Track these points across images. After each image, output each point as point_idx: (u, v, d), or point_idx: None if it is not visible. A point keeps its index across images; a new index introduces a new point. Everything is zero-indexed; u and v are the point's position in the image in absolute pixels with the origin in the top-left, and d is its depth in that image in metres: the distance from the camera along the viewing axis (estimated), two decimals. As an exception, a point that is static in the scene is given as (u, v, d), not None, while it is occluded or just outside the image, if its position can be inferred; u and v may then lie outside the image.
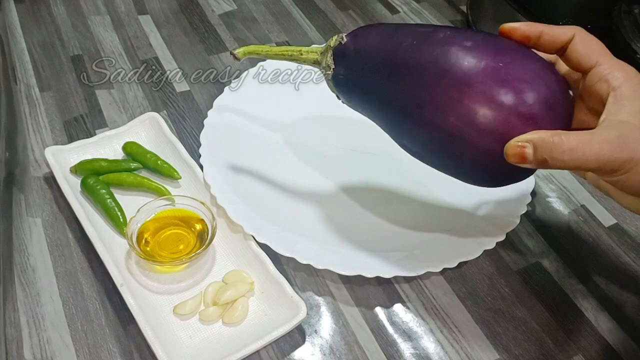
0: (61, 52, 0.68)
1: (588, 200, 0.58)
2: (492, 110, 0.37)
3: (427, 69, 0.40)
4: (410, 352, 0.46)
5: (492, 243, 0.51)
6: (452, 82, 0.38)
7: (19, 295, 0.47)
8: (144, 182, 0.54)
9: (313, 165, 0.59)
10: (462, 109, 0.38)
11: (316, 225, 0.53)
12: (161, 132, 0.58)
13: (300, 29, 0.75)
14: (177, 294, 0.48)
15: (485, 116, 0.37)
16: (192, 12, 0.76)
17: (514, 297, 0.50)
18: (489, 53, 0.39)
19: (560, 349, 0.47)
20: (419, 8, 0.80)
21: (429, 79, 0.40)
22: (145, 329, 0.43)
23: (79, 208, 0.50)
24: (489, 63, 0.38)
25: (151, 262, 0.48)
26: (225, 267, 0.50)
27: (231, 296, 0.46)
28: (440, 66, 0.39)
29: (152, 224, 0.50)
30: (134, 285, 0.47)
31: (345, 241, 0.52)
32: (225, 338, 0.45)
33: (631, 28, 0.65)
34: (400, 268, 0.49)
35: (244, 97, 0.62)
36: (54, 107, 0.62)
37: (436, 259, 0.50)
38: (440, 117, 0.39)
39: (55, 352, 0.44)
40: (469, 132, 0.38)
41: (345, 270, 0.48)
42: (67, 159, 0.55)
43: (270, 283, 0.48)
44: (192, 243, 0.49)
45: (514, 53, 0.39)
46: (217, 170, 0.55)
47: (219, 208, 0.52)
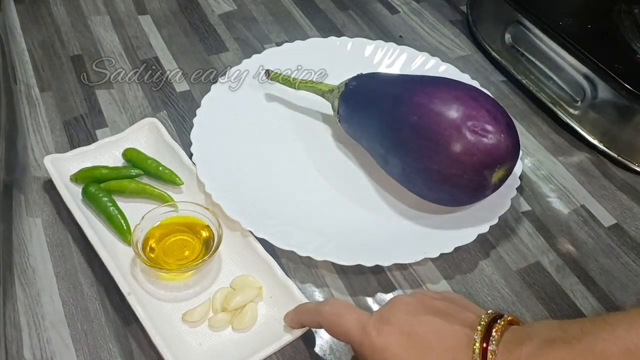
0: (61, 52, 0.68)
1: (588, 200, 0.58)
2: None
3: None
4: (410, 352, 0.46)
5: (486, 227, 0.52)
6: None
7: (19, 295, 0.47)
8: (146, 188, 0.53)
9: (307, 159, 0.59)
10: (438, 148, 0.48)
11: (313, 217, 0.53)
12: (161, 138, 0.57)
13: (300, 29, 0.75)
14: (184, 301, 0.47)
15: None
16: (192, 12, 0.76)
17: (514, 297, 0.50)
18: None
19: (560, 349, 0.47)
20: (419, 8, 0.80)
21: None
22: (155, 337, 0.43)
23: (81, 216, 0.50)
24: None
25: (157, 270, 0.48)
26: (232, 273, 0.49)
27: (240, 302, 0.46)
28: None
29: (157, 230, 0.50)
30: (141, 294, 0.47)
31: (343, 232, 0.52)
32: (235, 344, 0.45)
33: (631, 28, 0.65)
34: (398, 256, 0.49)
35: (233, 94, 0.63)
36: (54, 107, 0.62)
37: (433, 246, 0.50)
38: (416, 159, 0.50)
39: (55, 352, 0.44)
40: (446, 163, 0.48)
41: (344, 260, 0.49)
42: (66, 167, 0.54)
43: (278, 287, 0.48)
44: (197, 249, 0.49)
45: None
46: (210, 168, 0.55)
47: (214, 206, 0.52)
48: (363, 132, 0.55)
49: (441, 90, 0.50)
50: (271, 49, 0.68)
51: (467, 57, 0.73)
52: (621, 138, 0.61)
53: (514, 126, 0.49)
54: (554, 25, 0.65)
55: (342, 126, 0.58)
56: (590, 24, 0.67)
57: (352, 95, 0.56)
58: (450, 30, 0.76)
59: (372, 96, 0.54)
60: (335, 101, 0.58)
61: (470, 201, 0.52)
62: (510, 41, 0.70)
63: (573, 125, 0.64)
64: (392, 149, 0.51)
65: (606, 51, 0.63)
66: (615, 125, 0.61)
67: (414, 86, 0.52)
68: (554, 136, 0.64)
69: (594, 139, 0.63)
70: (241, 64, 0.65)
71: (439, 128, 0.47)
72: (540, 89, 0.67)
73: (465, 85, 0.51)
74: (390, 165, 0.53)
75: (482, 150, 0.46)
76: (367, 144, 0.56)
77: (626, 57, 0.62)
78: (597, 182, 0.60)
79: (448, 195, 0.50)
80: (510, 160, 0.48)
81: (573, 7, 0.71)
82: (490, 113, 0.47)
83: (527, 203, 0.57)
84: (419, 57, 0.68)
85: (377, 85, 0.55)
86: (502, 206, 0.53)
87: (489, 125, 0.47)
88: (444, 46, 0.74)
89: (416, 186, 0.52)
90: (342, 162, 0.59)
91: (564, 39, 0.63)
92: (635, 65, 0.61)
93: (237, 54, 0.70)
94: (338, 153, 0.60)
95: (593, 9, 0.70)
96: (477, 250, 0.53)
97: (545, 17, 0.66)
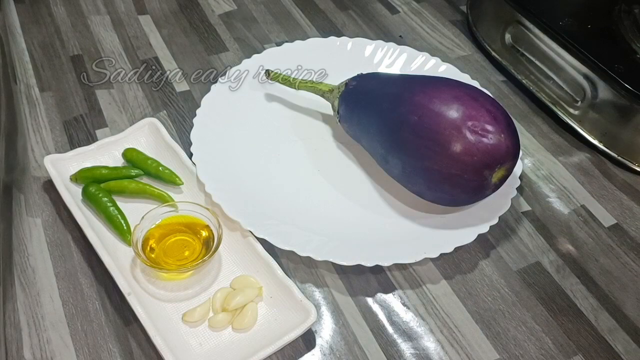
0: (61, 52, 0.68)
1: (588, 200, 0.58)
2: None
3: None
4: (410, 352, 0.46)
5: (486, 227, 0.52)
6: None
7: (18, 295, 0.47)
8: (146, 189, 0.53)
9: (307, 159, 0.59)
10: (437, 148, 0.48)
11: (313, 218, 0.54)
12: (160, 138, 0.57)
13: (300, 29, 0.75)
14: (184, 301, 0.47)
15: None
16: (192, 12, 0.76)
17: (514, 297, 0.50)
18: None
19: (560, 349, 0.47)
20: (419, 8, 0.80)
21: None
22: (155, 337, 0.43)
23: (81, 216, 0.50)
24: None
25: (157, 270, 0.48)
26: (233, 273, 0.49)
27: (240, 302, 0.46)
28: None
29: (157, 230, 0.50)
30: (141, 294, 0.47)
31: (343, 232, 0.52)
32: (236, 344, 0.45)
33: (631, 28, 0.65)
34: (398, 256, 0.49)
35: (233, 94, 0.63)
36: (54, 107, 0.62)
37: (433, 245, 0.50)
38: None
39: (55, 352, 0.44)
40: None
41: (344, 260, 0.49)
42: (66, 167, 0.54)
43: (278, 287, 0.48)
44: (197, 249, 0.49)
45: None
46: (210, 169, 0.55)
47: (214, 206, 0.52)
48: (363, 132, 0.55)
49: (441, 90, 0.50)
50: (271, 49, 0.68)
51: (467, 57, 0.73)
52: (621, 138, 0.61)
53: (514, 126, 0.49)
54: (554, 25, 0.65)
55: (342, 126, 0.59)
56: (590, 24, 0.67)
57: (352, 95, 0.56)
58: (450, 30, 0.76)
59: (372, 96, 0.54)
60: (335, 101, 0.58)
61: (470, 201, 0.52)
62: (510, 41, 0.70)
63: (573, 125, 0.64)
64: (392, 149, 0.51)
65: (606, 51, 0.63)
66: (615, 125, 0.61)
67: (414, 86, 0.52)
68: (554, 136, 0.64)
69: (594, 139, 0.63)
70: (241, 64, 0.65)
71: (439, 128, 0.47)
72: (540, 89, 0.67)
73: (465, 85, 0.51)
74: (390, 165, 0.53)
75: (482, 150, 0.46)
76: (367, 144, 0.56)
77: (626, 57, 0.62)
78: (597, 182, 0.60)
79: (448, 195, 0.50)
80: (510, 160, 0.48)
81: (573, 7, 0.71)
82: (491, 113, 0.48)
83: (527, 203, 0.57)
84: (419, 57, 0.68)
85: (377, 85, 0.55)
86: (502, 206, 0.53)
87: (489, 125, 0.47)
88: (444, 46, 0.74)
89: (416, 186, 0.52)
90: (342, 162, 0.59)
91: (564, 39, 0.64)
92: (635, 65, 0.61)
93: (237, 54, 0.70)
94: (338, 153, 0.60)
95: (593, 9, 0.70)
96: (477, 250, 0.53)
97: (545, 17, 0.66)
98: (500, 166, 0.48)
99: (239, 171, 0.56)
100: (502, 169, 0.48)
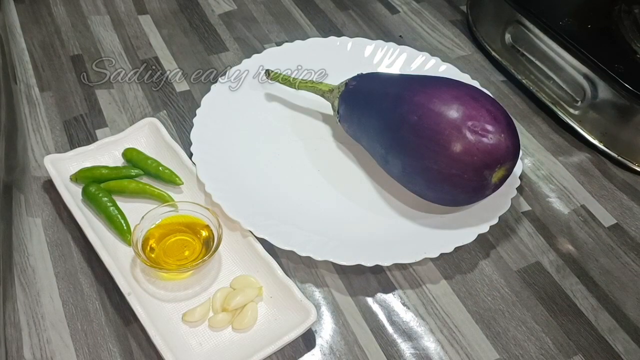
0: (61, 52, 0.68)
1: (588, 200, 0.58)
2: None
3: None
4: (410, 352, 0.46)
5: (486, 227, 0.52)
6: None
7: (18, 295, 0.47)
8: (146, 188, 0.53)
9: (307, 159, 0.59)
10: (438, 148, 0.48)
11: (313, 218, 0.54)
12: (161, 138, 0.57)
13: (300, 29, 0.75)
14: (184, 301, 0.47)
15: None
16: (192, 12, 0.76)
17: (514, 297, 0.50)
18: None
19: (560, 348, 0.47)
20: (419, 8, 0.80)
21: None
22: (155, 337, 0.43)
23: (81, 216, 0.50)
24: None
25: (157, 270, 0.48)
26: (233, 273, 0.49)
27: (240, 302, 0.46)
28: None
29: (157, 230, 0.50)
30: (141, 294, 0.47)
31: (343, 232, 0.52)
32: (236, 344, 0.45)
33: (631, 28, 0.65)
34: (398, 256, 0.49)
35: (233, 94, 0.63)
36: (54, 107, 0.62)
37: (433, 245, 0.50)
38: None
39: (55, 352, 0.44)
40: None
41: (344, 260, 0.49)
42: (66, 167, 0.54)
43: (278, 287, 0.48)
44: (197, 249, 0.49)
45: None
46: (210, 168, 0.55)
47: (214, 206, 0.52)
48: (363, 132, 0.55)
49: (441, 90, 0.50)
50: (271, 49, 0.68)
51: (467, 57, 0.73)
52: (621, 138, 0.61)
53: (514, 126, 0.49)
54: (554, 25, 0.65)
55: (342, 126, 0.59)
56: (590, 24, 0.67)
57: (352, 95, 0.56)
58: (450, 30, 0.76)
59: (372, 96, 0.54)
60: (335, 101, 0.58)
61: (471, 201, 0.52)
62: (510, 41, 0.70)
63: (573, 125, 0.64)
64: (392, 149, 0.51)
65: (606, 51, 0.63)
66: (615, 125, 0.61)
67: (414, 86, 0.52)
68: (554, 136, 0.64)
69: (594, 139, 0.63)
70: (241, 64, 0.65)
71: (439, 128, 0.47)
72: (540, 89, 0.67)
73: (466, 85, 0.51)
74: (390, 165, 0.53)
75: (482, 150, 0.46)
76: (367, 143, 0.56)
77: (626, 57, 0.62)
78: (597, 182, 0.60)
79: (448, 195, 0.50)
80: (510, 160, 0.48)
81: (573, 7, 0.71)
82: (491, 113, 0.48)
83: (527, 203, 0.57)
84: (419, 57, 0.68)
85: (377, 85, 0.55)
86: (502, 206, 0.53)
87: (489, 125, 0.47)
88: (444, 46, 0.74)
89: (416, 186, 0.52)
90: (342, 162, 0.59)
91: (564, 39, 0.64)
92: (635, 65, 0.61)
93: (237, 54, 0.70)
94: (338, 153, 0.60)
95: (593, 9, 0.70)
96: (477, 250, 0.53)
97: (545, 17, 0.66)
98: (500, 166, 0.48)
99: (239, 171, 0.56)
100: (502, 169, 0.48)
